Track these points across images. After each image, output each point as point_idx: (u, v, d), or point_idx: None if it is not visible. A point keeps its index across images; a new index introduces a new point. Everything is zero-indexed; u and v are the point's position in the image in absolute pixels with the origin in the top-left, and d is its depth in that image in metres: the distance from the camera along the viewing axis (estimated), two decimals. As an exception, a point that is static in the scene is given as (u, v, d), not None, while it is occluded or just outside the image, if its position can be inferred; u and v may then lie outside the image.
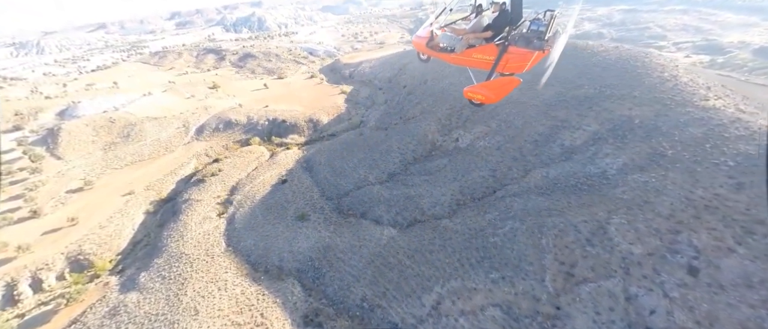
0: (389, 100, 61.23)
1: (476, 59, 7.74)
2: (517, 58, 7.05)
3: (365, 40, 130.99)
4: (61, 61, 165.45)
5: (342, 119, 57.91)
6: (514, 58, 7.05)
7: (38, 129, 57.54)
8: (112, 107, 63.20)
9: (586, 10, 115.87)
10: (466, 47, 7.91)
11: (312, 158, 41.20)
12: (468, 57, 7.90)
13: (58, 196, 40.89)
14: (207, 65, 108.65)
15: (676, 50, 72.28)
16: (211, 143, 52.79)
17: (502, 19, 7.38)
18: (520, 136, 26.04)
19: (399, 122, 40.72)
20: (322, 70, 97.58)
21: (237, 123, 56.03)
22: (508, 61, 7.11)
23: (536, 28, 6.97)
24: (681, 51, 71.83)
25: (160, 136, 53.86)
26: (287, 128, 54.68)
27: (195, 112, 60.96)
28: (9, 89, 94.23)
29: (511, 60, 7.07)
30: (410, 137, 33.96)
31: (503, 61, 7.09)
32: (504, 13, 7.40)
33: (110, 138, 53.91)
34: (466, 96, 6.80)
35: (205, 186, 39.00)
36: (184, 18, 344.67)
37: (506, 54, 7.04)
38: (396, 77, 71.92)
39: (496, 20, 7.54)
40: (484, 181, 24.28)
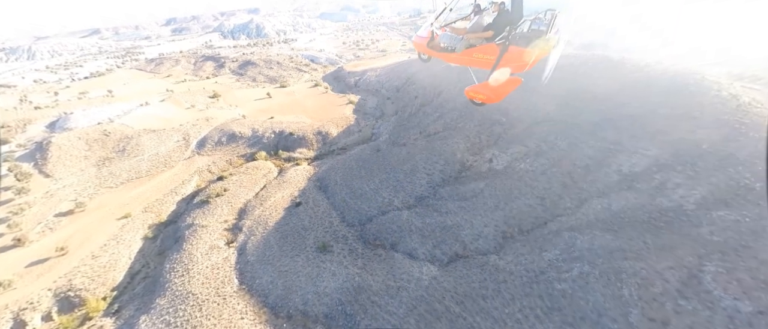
0: (400, 111, 58.51)
1: (477, 59, 7.63)
2: (518, 58, 6.86)
3: (367, 47, 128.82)
4: (53, 68, 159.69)
5: (352, 131, 54.96)
6: (514, 57, 6.87)
7: (26, 143, 53.29)
8: (107, 118, 59.25)
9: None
10: (466, 47, 7.77)
11: (326, 177, 38.04)
12: (469, 57, 7.78)
13: (46, 220, 36.89)
14: (206, 73, 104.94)
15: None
16: (213, 158, 49.23)
17: (503, 18, 7.24)
18: (567, 159, 23.48)
19: (419, 138, 37.92)
20: (325, 78, 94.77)
21: (241, 136, 52.61)
22: (509, 61, 6.94)
23: (537, 27, 6.81)
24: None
25: (158, 150, 50.12)
26: (295, 141, 51.44)
27: (195, 123, 57.39)
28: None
29: (511, 59, 6.90)
30: (436, 156, 31.15)
31: (504, 60, 6.93)
32: (504, 13, 7.26)
33: (104, 153, 49.96)
34: (468, 96, 6.81)
35: (210, 209, 35.48)
36: (180, 24, 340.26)
37: (507, 54, 6.86)
38: (404, 87, 69.38)
39: (496, 20, 7.40)
40: (532, 210, 21.56)
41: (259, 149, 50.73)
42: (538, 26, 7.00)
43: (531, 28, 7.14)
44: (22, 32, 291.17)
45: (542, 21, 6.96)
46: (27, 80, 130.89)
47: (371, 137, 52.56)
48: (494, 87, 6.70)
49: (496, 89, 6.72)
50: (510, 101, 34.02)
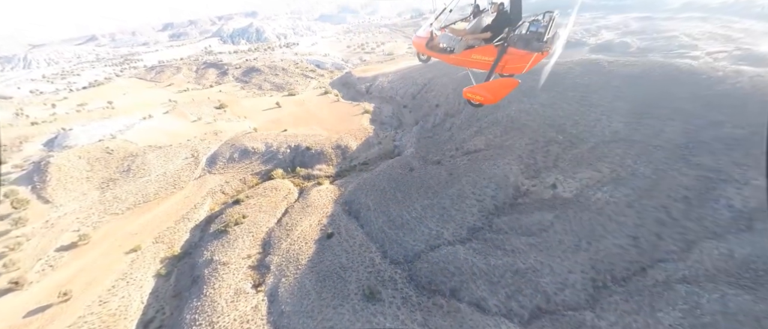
0: (421, 121, 54.81)
1: (475, 60, 7.64)
2: (516, 60, 6.88)
3: (372, 51, 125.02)
4: (50, 77, 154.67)
5: (371, 144, 51.25)
6: (513, 59, 6.89)
7: (23, 163, 49.14)
8: (109, 133, 55.16)
9: (599, 18, 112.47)
10: (465, 48, 7.78)
11: (355, 200, 34.31)
12: (467, 58, 7.78)
13: (46, 256, 32.95)
14: (209, 81, 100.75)
15: (713, 61, 67.93)
16: (226, 177, 45.37)
17: (501, 20, 7.24)
18: (657, 189, 20.02)
19: (456, 155, 34.31)
20: (333, 84, 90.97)
21: (254, 152, 48.75)
22: (507, 63, 6.96)
23: (535, 29, 6.80)
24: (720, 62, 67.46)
25: (166, 169, 46.17)
26: (312, 156, 47.66)
27: (204, 138, 53.46)
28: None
29: (510, 61, 6.91)
30: (485, 179, 27.57)
31: (502, 62, 6.95)
32: (503, 14, 7.26)
33: (108, 173, 45.96)
34: (465, 96, 6.85)
35: (229, 240, 31.67)
36: (177, 29, 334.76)
37: (505, 55, 6.90)
38: (422, 94, 65.70)
39: (495, 21, 7.40)
40: (624, 253, 18.10)
41: (274, 166, 46.94)
42: (536, 28, 6.89)
43: (529, 30, 7.01)
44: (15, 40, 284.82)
45: (540, 23, 6.84)
46: (23, 91, 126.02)
47: (394, 151, 48.89)
48: (492, 88, 6.64)
49: (494, 91, 6.65)
50: (565, 115, 30.43)
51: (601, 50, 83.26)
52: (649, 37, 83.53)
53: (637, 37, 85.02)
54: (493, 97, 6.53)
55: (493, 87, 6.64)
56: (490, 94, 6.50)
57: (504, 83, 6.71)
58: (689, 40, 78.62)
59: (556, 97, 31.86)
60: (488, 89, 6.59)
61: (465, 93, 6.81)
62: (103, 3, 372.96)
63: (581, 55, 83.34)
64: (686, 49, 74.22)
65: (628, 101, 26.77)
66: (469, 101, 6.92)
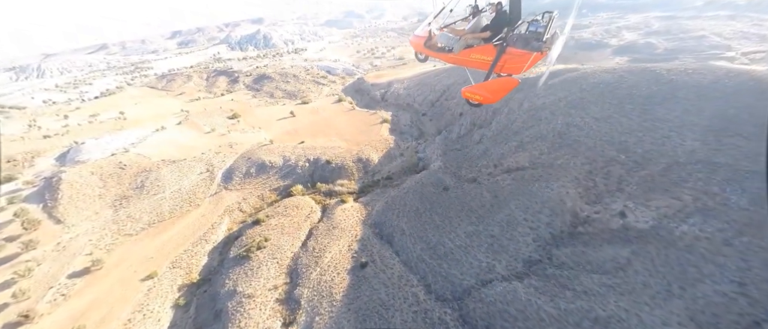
0: (444, 131, 51.99)
1: (474, 60, 7.60)
2: (515, 59, 6.85)
3: (383, 56, 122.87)
4: (62, 86, 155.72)
5: (393, 156, 48.61)
6: (512, 59, 6.86)
7: (34, 179, 47.54)
8: (122, 147, 53.44)
9: (618, 18, 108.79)
10: (464, 47, 7.75)
11: (385, 221, 31.61)
12: (466, 57, 7.74)
13: (57, 283, 30.82)
14: (220, 89, 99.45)
15: (749, 62, 63.97)
16: (243, 193, 43.08)
17: (501, 19, 7.21)
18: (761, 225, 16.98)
19: (495, 172, 31.46)
20: (345, 91, 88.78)
21: (272, 166, 46.42)
22: (506, 62, 6.92)
23: (534, 29, 6.75)
24: (757, 63, 63.45)
25: (180, 185, 44.06)
26: (333, 170, 45.15)
27: (219, 151, 51.37)
28: (4, 124, 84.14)
29: (509, 61, 6.89)
30: (537, 203, 24.70)
31: (501, 61, 6.93)
32: (502, 14, 7.23)
33: (121, 190, 44.01)
34: (464, 96, 6.80)
35: (252, 267, 29.15)
36: (185, 37, 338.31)
37: (504, 55, 6.87)
38: (441, 101, 62.93)
39: (494, 21, 7.36)
40: (730, 302, 15.09)
41: (293, 181, 44.53)
42: (535, 28, 6.73)
43: (528, 29, 6.83)
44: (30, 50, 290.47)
45: (539, 23, 6.71)
46: (36, 100, 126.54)
47: (418, 164, 46.15)
48: (491, 88, 6.55)
49: (493, 90, 6.51)
50: (625, 131, 27.42)
51: (625, 52, 79.76)
52: (675, 38, 79.75)
53: (663, 38, 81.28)
54: (493, 96, 6.49)
55: (492, 87, 6.57)
56: (490, 93, 6.45)
57: (503, 83, 6.64)
58: (720, 39, 74.68)
59: (611, 110, 28.89)
60: (487, 88, 6.53)
61: (464, 92, 6.75)
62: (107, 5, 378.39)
63: (603, 57, 79.93)
64: (719, 49, 70.35)
65: (701, 116, 23.75)
66: (468, 100, 6.91)
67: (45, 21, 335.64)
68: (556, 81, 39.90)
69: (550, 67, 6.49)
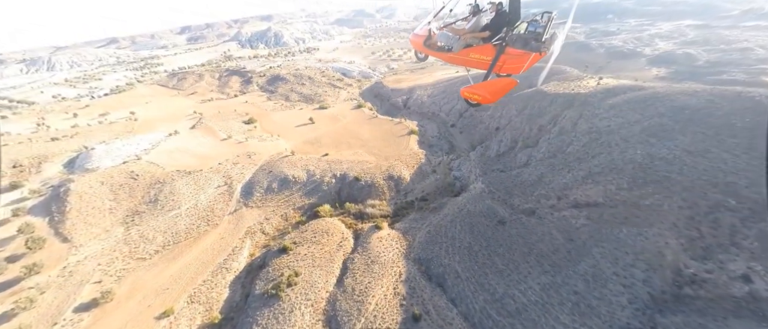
0: (480, 147, 47.68)
1: (473, 59, 7.66)
2: (514, 59, 6.85)
3: (399, 58, 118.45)
4: (72, 81, 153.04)
5: (425, 173, 44.48)
6: (511, 59, 6.87)
7: (40, 188, 44.04)
8: (133, 154, 49.81)
9: (647, 25, 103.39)
10: (463, 47, 7.80)
11: (432, 258, 27.56)
12: (465, 57, 7.80)
13: (62, 318, 27.14)
14: (232, 89, 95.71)
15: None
16: (265, 212, 39.21)
17: (500, 19, 7.24)
18: None
19: (559, 205, 27.30)
20: (363, 95, 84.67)
21: (295, 181, 42.49)
22: (505, 62, 6.93)
23: (533, 29, 6.74)
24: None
25: (197, 200, 40.29)
26: (362, 188, 41.11)
27: (237, 161, 47.54)
28: (12, 121, 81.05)
29: (508, 61, 6.91)
30: (627, 253, 20.61)
31: (500, 61, 6.93)
32: (501, 14, 7.27)
33: (133, 203, 40.33)
34: (464, 96, 6.82)
35: (282, 310, 25.25)
36: (194, 32, 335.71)
37: (503, 55, 6.89)
38: (471, 112, 58.54)
39: (493, 21, 7.39)
40: None
41: (318, 200, 40.60)
42: (534, 28, 6.71)
43: (527, 30, 6.81)
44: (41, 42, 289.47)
45: (539, 23, 6.68)
46: (46, 95, 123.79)
47: (454, 184, 41.98)
48: (490, 88, 6.51)
49: (492, 90, 6.45)
50: (730, 170, 23.06)
51: (661, 62, 74.72)
52: (716, 49, 74.48)
53: (702, 49, 76.05)
54: (492, 96, 6.51)
55: (491, 87, 6.57)
56: (489, 93, 6.47)
57: (502, 83, 6.64)
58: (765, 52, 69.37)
59: (707, 142, 24.56)
60: (486, 88, 6.54)
61: (463, 92, 6.72)
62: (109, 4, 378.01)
63: (638, 67, 74.94)
64: None
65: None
66: (467, 100, 6.84)
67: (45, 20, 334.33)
68: (618, 100, 35.50)
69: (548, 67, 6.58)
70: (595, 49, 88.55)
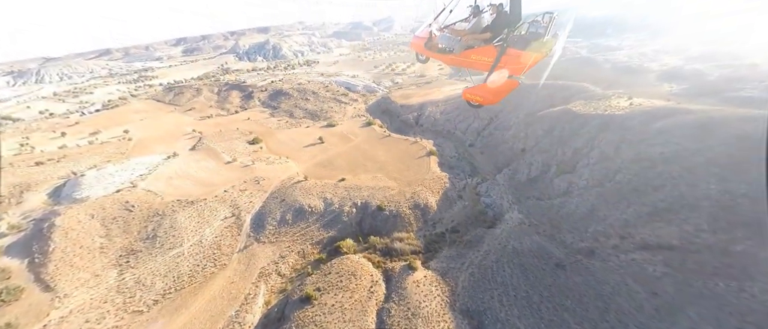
0: (506, 169, 44.45)
1: (475, 61, 7.63)
2: (516, 61, 6.77)
3: (403, 72, 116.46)
4: (61, 94, 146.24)
5: (451, 199, 40.82)
6: (512, 60, 6.79)
7: (21, 222, 38.68)
8: (128, 180, 44.88)
9: (649, 40, 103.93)
10: (464, 48, 7.82)
11: (484, 310, 23.64)
12: (466, 58, 7.79)
13: (39, 400, 22.00)
14: (233, 105, 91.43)
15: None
16: (279, 248, 34.76)
17: (501, 20, 7.15)
18: None
19: (624, 246, 23.88)
20: (370, 110, 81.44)
21: (311, 211, 38.27)
22: (507, 64, 6.85)
23: (535, 30, 6.77)
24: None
25: (201, 236, 35.62)
26: (387, 219, 37.13)
27: (244, 188, 43.10)
28: (-7, 140, 74.75)
29: (509, 62, 6.82)
30: (733, 315, 17.17)
31: (501, 62, 6.86)
32: (502, 15, 7.15)
33: (128, 240, 35.39)
34: (465, 97, 7.02)
35: (314, 385, 20.70)
36: (190, 44, 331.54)
37: (505, 56, 6.81)
38: (490, 131, 55.69)
39: (494, 22, 7.34)
40: None
41: (339, 232, 36.41)
42: (535, 29, 6.72)
43: (529, 31, 6.83)
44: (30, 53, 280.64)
45: (540, 24, 6.66)
46: (33, 110, 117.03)
47: (486, 212, 38.40)
48: (492, 89, 6.56)
49: (494, 91, 6.53)
50: None
51: (671, 78, 73.79)
52: (724, 65, 74.04)
53: (710, 64, 75.62)
54: (493, 97, 6.62)
55: (492, 88, 6.56)
56: (491, 94, 6.56)
57: (504, 84, 6.60)
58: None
59: None
60: (488, 89, 6.57)
61: (465, 94, 6.95)
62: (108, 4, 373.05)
63: (649, 83, 73.80)
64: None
65: None
66: (469, 101, 6.98)
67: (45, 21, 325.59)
68: (666, 124, 32.82)
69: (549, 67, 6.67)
70: (600, 65, 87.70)
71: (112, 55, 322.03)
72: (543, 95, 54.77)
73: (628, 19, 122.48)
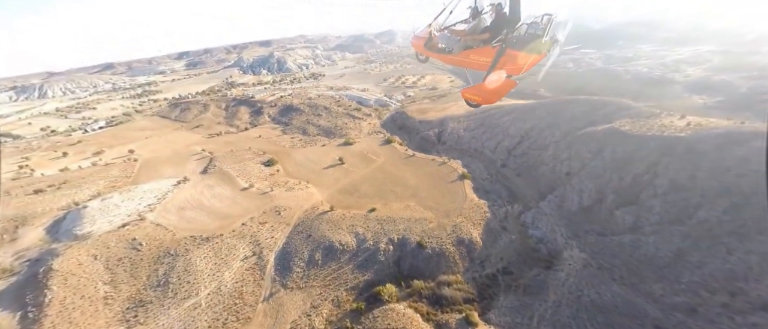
0: (551, 195, 40.32)
1: (473, 61, 7.51)
2: (514, 61, 6.74)
3: (414, 85, 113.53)
4: (64, 110, 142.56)
5: (495, 232, 36.46)
6: (511, 60, 6.76)
7: (13, 265, 34.02)
8: (135, 211, 40.42)
9: (666, 51, 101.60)
10: (463, 49, 7.70)
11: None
12: (465, 58, 7.66)
13: None
14: (242, 121, 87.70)
15: None
16: (310, 296, 30.14)
17: (500, 21, 7.11)
18: None
19: (739, 305, 19.75)
20: (385, 125, 77.84)
21: (343, 249, 33.80)
22: (505, 64, 6.83)
23: (533, 31, 6.68)
24: None
25: (220, 281, 31.01)
26: (429, 259, 32.66)
27: (264, 220, 38.69)
28: (-10, 162, 70.29)
29: (508, 63, 6.80)
30: None
31: (500, 63, 6.84)
32: (502, 16, 7.12)
33: (136, 288, 30.73)
34: (464, 97, 6.83)
35: None
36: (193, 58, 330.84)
37: (503, 57, 6.78)
38: (523, 150, 51.73)
39: (493, 22, 7.27)
40: None
41: (375, 275, 31.87)
42: (534, 30, 6.64)
43: (528, 31, 6.75)
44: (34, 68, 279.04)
45: (539, 25, 6.60)
46: (34, 127, 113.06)
47: (538, 248, 34.03)
48: (490, 89, 6.55)
49: (492, 91, 6.54)
50: None
51: (700, 90, 70.64)
52: (751, 76, 70.94)
53: (737, 75, 72.58)
54: (492, 97, 6.45)
55: (491, 88, 6.41)
56: (489, 94, 6.39)
57: (502, 84, 6.48)
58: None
59: None
60: (486, 89, 6.39)
61: (463, 94, 6.79)
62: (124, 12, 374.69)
63: (676, 95, 70.65)
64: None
65: None
66: (468, 101, 6.80)
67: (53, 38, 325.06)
68: (748, 150, 28.98)
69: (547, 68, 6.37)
70: (621, 76, 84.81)
71: (115, 69, 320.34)
72: (578, 112, 51.16)
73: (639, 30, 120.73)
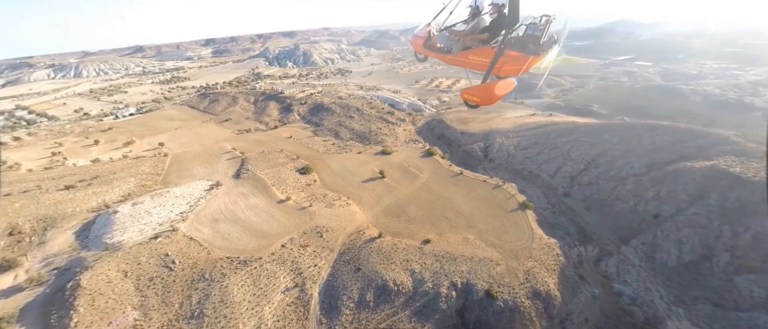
0: (638, 243, 34.12)
1: (472, 61, 7.43)
2: (513, 62, 6.59)
3: (449, 89, 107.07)
4: (97, 91, 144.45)
5: (572, 283, 30.77)
6: (509, 61, 6.61)
7: (41, 273, 31.18)
8: (167, 220, 37.03)
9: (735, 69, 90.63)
10: (462, 49, 7.64)
11: None
12: (464, 58, 7.60)
13: None
14: (271, 118, 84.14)
15: None
16: (362, 347, 25.56)
17: (499, 22, 6.94)
18: None
19: None
20: (421, 133, 72.36)
21: (397, 290, 29.01)
22: (504, 64, 6.67)
23: (532, 32, 6.55)
24: None
25: (260, 318, 26.93)
26: (500, 314, 27.44)
27: (305, 243, 34.40)
28: (25, 145, 69.61)
29: (506, 63, 6.65)
30: None
31: (499, 63, 6.66)
32: (501, 17, 6.94)
33: (166, 318, 27.06)
34: (463, 98, 6.76)
35: None
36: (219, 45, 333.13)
37: (502, 57, 6.62)
38: (590, 179, 45.23)
39: (492, 23, 7.12)
40: None
41: (436, 326, 26.94)
42: (533, 31, 6.50)
43: (526, 32, 6.61)
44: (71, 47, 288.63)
45: (537, 26, 6.46)
46: (68, 108, 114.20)
47: (631, 310, 28.19)
48: (489, 90, 6.46)
49: (491, 92, 6.46)
50: None
51: None
52: None
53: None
54: (490, 98, 6.41)
55: (490, 89, 6.49)
56: (488, 95, 6.39)
57: (501, 85, 6.55)
58: None
59: None
60: (485, 90, 6.45)
61: (462, 94, 6.73)
62: None
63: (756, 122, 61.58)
64: None
65: None
66: (466, 101, 6.74)
67: None
68: None
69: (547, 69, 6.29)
70: (688, 96, 75.54)
71: (145, 52, 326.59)
72: (661, 142, 44.12)
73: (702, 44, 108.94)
